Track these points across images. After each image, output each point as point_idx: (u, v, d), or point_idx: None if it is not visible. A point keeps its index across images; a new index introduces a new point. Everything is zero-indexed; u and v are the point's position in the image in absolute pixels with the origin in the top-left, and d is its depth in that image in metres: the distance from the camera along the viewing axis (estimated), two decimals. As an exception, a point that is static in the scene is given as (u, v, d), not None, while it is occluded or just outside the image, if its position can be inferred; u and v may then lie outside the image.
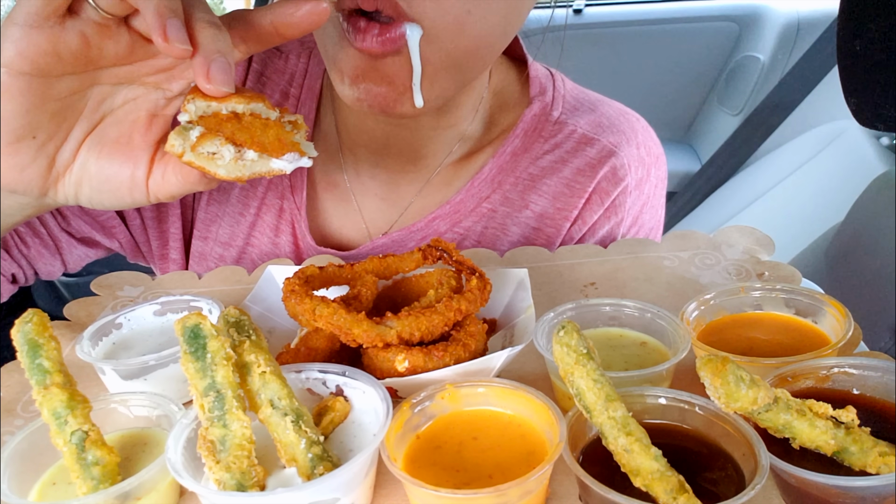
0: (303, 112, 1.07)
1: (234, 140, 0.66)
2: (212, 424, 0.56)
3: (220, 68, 0.63)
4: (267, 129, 0.68)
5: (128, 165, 0.72)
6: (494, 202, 1.05)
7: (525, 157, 1.06)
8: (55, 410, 0.60)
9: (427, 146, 1.04)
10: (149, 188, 0.72)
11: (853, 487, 0.53)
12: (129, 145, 0.72)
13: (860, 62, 1.13)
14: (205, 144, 0.66)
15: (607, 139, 1.06)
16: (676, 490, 0.51)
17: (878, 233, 1.37)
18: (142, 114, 0.72)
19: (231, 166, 0.66)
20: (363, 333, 0.67)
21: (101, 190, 0.73)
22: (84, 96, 0.70)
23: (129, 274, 1.01)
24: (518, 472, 0.54)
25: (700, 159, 3.10)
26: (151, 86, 0.72)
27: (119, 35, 0.66)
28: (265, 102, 0.68)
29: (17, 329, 0.64)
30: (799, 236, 1.80)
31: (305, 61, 1.08)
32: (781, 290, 0.77)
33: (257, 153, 0.67)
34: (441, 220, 1.05)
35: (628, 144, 1.07)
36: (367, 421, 0.64)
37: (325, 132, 1.08)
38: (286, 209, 1.07)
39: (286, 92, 1.08)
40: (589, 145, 1.05)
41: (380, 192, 1.08)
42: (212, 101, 0.66)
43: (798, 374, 0.64)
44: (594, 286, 0.93)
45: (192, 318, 0.59)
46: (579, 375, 0.58)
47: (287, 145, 0.68)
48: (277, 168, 0.68)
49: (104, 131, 0.72)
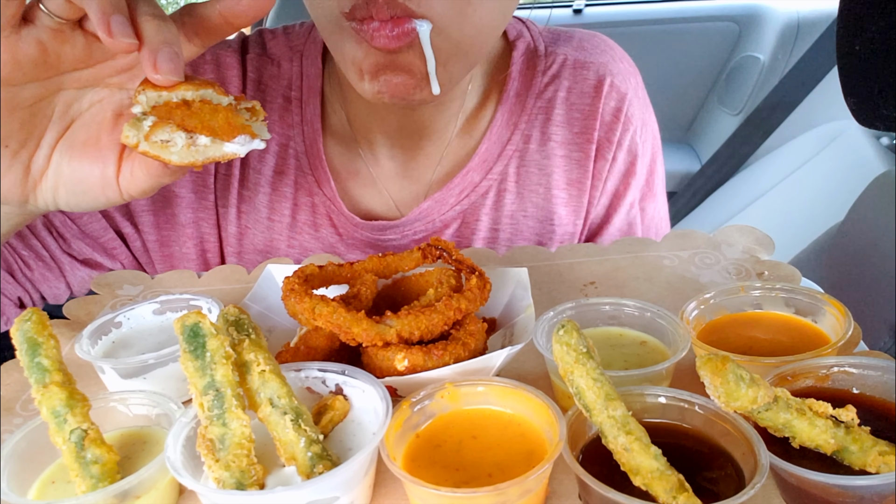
0: (308, 113, 1.09)
1: (185, 126, 0.67)
2: (211, 423, 0.56)
3: (166, 58, 0.64)
4: (216, 113, 0.69)
5: (97, 165, 0.73)
6: (517, 142, 1.10)
7: (529, 94, 1.11)
8: (54, 409, 0.60)
9: (436, 121, 1.08)
10: (120, 186, 0.74)
11: (853, 486, 0.53)
12: (97, 146, 0.73)
13: (860, 62, 1.13)
14: (157, 133, 0.67)
15: (597, 59, 1.12)
16: (676, 489, 0.51)
17: (877, 233, 1.37)
18: (107, 114, 0.74)
19: (184, 152, 0.68)
20: (363, 332, 0.67)
21: (76, 192, 0.75)
22: (51, 102, 0.72)
23: (129, 273, 1.01)
24: (518, 471, 0.54)
25: (700, 159, 3.10)
26: (115, 87, 0.74)
27: (75, 39, 0.68)
28: (215, 88, 0.69)
29: (17, 327, 0.64)
30: (799, 236, 1.79)
31: (298, 65, 1.11)
32: (781, 290, 0.77)
33: (209, 138, 0.68)
34: (474, 171, 1.09)
35: (614, 61, 1.14)
36: (366, 420, 0.64)
37: (335, 126, 1.12)
38: (318, 203, 1.11)
39: (287, 96, 1.10)
40: (584, 69, 1.12)
41: (400, 171, 1.11)
42: (162, 91, 0.67)
43: (798, 374, 0.64)
44: (594, 285, 0.93)
45: (191, 317, 0.59)
46: (579, 374, 0.58)
47: (237, 128, 0.69)
48: (230, 151, 0.69)
49: (74, 135, 0.74)
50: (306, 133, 1.10)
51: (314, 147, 1.09)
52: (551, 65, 1.11)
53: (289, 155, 1.11)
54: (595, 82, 1.11)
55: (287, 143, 1.11)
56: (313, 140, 1.09)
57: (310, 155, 1.10)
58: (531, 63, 1.11)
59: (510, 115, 1.10)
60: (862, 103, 1.15)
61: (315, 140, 1.09)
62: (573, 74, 1.11)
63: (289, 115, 1.10)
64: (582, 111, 1.11)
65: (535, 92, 1.10)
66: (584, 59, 1.12)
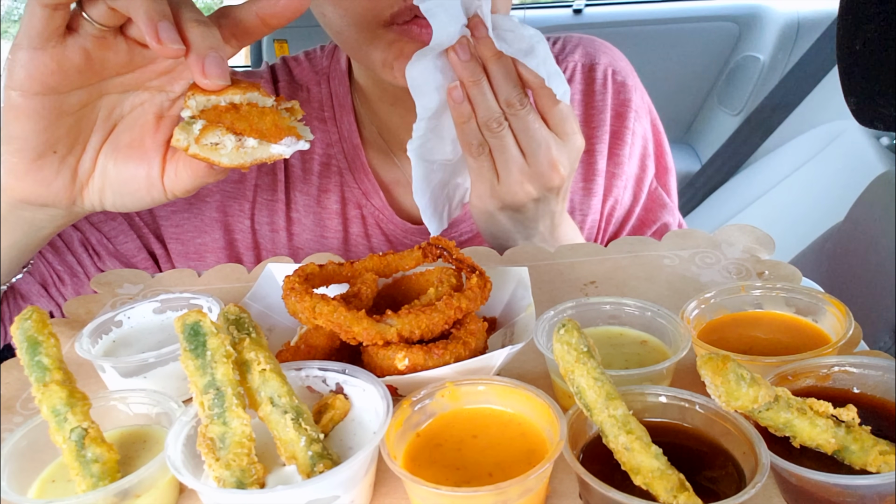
0: (344, 129, 1.15)
1: (234, 129, 0.69)
2: (211, 422, 0.56)
3: (213, 63, 0.66)
4: (264, 116, 0.71)
5: (143, 167, 0.76)
6: None
7: None
8: (55, 408, 0.59)
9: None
10: (165, 185, 0.77)
11: (853, 486, 0.53)
12: (141, 148, 0.77)
13: (860, 62, 1.13)
14: (207, 136, 0.69)
15: (602, 61, 1.22)
16: (677, 488, 0.51)
17: (878, 232, 1.37)
18: (149, 117, 0.77)
19: (233, 154, 0.70)
20: (363, 331, 0.67)
21: (122, 193, 0.78)
22: (95, 107, 0.75)
23: (129, 271, 1.01)
24: (518, 471, 0.54)
25: (700, 159, 3.10)
26: (155, 90, 0.77)
27: (117, 45, 0.70)
28: (260, 91, 0.71)
29: (17, 326, 0.64)
30: (799, 236, 1.80)
31: (327, 87, 1.16)
32: (782, 289, 0.76)
33: (257, 140, 0.70)
34: None
35: (615, 60, 1.24)
36: (367, 419, 0.64)
37: (370, 139, 1.17)
38: (368, 215, 1.15)
39: (321, 117, 1.16)
40: (593, 71, 1.22)
41: None
42: (210, 95, 0.69)
43: (798, 373, 0.63)
44: (594, 285, 0.93)
45: (191, 316, 0.59)
46: (580, 374, 0.58)
47: (284, 130, 0.71)
48: (277, 153, 0.72)
49: (118, 137, 0.77)
50: (346, 149, 1.15)
51: (357, 161, 1.14)
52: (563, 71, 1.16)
53: (332, 172, 1.15)
54: (604, 80, 1.21)
55: (329, 162, 1.15)
56: (355, 155, 1.14)
57: (353, 169, 1.14)
58: None
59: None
60: (862, 103, 1.15)
61: (357, 154, 1.14)
62: (585, 78, 1.21)
63: (326, 134, 1.15)
64: (596, 107, 1.20)
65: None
66: (591, 63, 1.22)
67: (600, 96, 1.20)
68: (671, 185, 1.29)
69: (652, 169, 1.26)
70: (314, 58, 1.20)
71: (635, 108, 1.22)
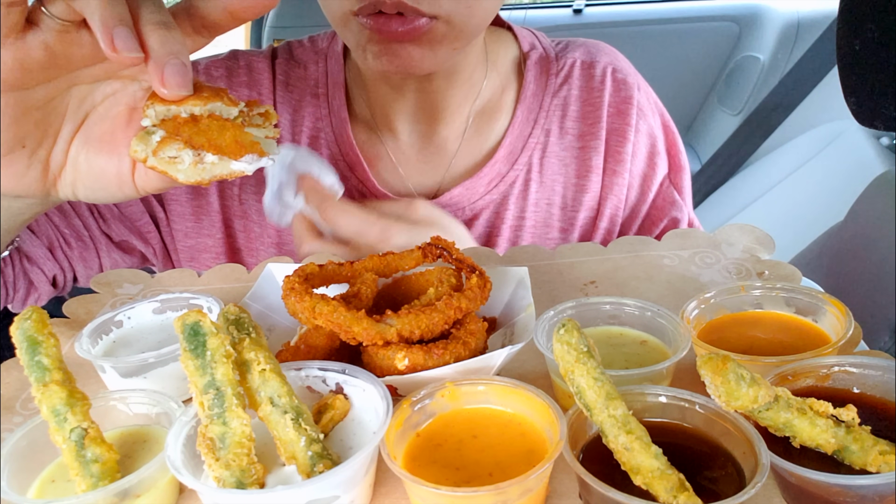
0: (335, 104, 1.17)
1: (193, 144, 0.66)
2: (211, 422, 0.56)
3: (173, 71, 0.63)
4: (224, 130, 0.67)
5: (113, 161, 0.73)
6: (538, 136, 1.19)
7: (545, 93, 1.20)
8: (54, 408, 0.59)
9: (448, 106, 1.16)
10: (135, 182, 0.74)
11: (853, 486, 0.53)
12: (112, 142, 0.73)
13: (860, 62, 1.13)
14: (165, 149, 0.66)
15: (603, 59, 1.22)
16: (677, 488, 0.51)
17: (877, 233, 1.37)
18: (122, 108, 0.73)
19: (191, 171, 0.66)
20: (363, 331, 0.67)
21: (93, 187, 0.75)
22: (64, 99, 0.71)
23: (129, 271, 1.01)
24: (518, 471, 0.54)
25: (700, 159, 3.10)
26: (128, 79, 0.73)
27: (81, 38, 0.66)
28: (224, 100, 0.67)
29: (17, 326, 0.64)
30: (799, 236, 1.79)
31: (324, 65, 1.19)
32: (782, 289, 0.76)
33: (216, 156, 0.67)
34: (501, 162, 1.17)
35: (618, 60, 1.25)
36: (366, 419, 0.64)
37: (359, 114, 1.20)
38: (351, 187, 1.16)
39: (315, 93, 1.18)
40: (592, 68, 1.22)
41: (420, 156, 1.19)
42: (171, 105, 0.65)
43: (798, 373, 0.63)
44: (594, 284, 0.93)
45: (191, 316, 0.59)
46: (580, 374, 0.58)
47: (245, 146, 0.67)
48: (238, 170, 0.68)
49: (89, 129, 0.74)
50: (335, 123, 1.17)
51: (343, 134, 1.16)
52: (563, 67, 1.21)
53: (320, 145, 1.17)
54: (602, 77, 1.21)
55: (318, 136, 1.18)
56: (342, 129, 1.16)
57: (340, 142, 1.16)
58: (544, 68, 1.21)
59: (529, 113, 1.19)
60: (862, 103, 1.15)
61: (343, 128, 1.16)
62: (583, 74, 1.21)
63: (317, 109, 1.18)
64: (594, 104, 1.20)
65: (551, 92, 1.20)
66: (592, 60, 1.22)
67: (598, 93, 1.20)
68: (684, 183, 1.27)
69: (662, 167, 1.25)
70: (316, 40, 1.23)
71: (638, 105, 1.21)
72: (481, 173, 1.16)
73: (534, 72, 1.20)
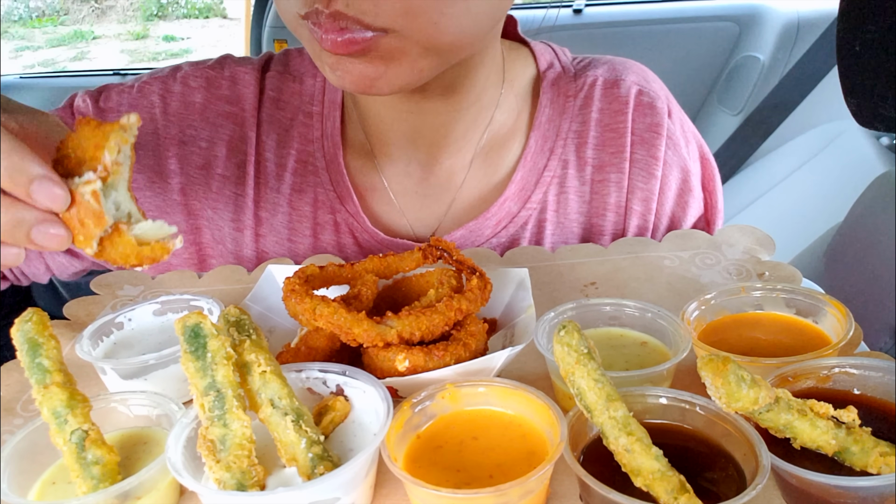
0: (328, 124, 1.05)
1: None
2: (212, 424, 0.56)
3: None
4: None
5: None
6: (554, 168, 1.05)
7: (563, 118, 1.06)
8: (55, 409, 0.60)
9: (452, 132, 1.02)
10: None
11: (854, 487, 0.53)
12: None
13: (860, 62, 1.13)
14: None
15: (629, 78, 1.07)
16: (677, 490, 0.51)
17: (877, 233, 1.37)
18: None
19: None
20: (363, 333, 0.67)
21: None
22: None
23: (129, 273, 1.01)
24: (519, 472, 0.54)
25: (700, 159, 3.10)
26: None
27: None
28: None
29: (17, 328, 0.64)
30: (799, 236, 1.79)
31: (321, 81, 1.07)
32: (782, 290, 0.76)
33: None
34: (511, 200, 1.04)
35: (646, 80, 1.09)
36: (367, 420, 0.64)
37: (353, 139, 1.07)
38: (341, 221, 1.05)
39: (308, 111, 1.06)
40: (615, 87, 1.06)
41: (419, 188, 1.06)
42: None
43: (799, 374, 0.64)
44: (594, 286, 0.93)
45: (192, 318, 0.59)
46: (580, 375, 0.58)
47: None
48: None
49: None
50: (326, 147, 1.05)
51: (335, 162, 1.05)
52: (582, 87, 1.07)
53: (308, 171, 1.06)
54: (626, 99, 1.06)
55: (307, 160, 1.06)
56: (333, 154, 1.05)
57: (331, 170, 1.05)
58: (562, 89, 1.07)
59: (544, 142, 1.05)
60: (862, 103, 1.15)
61: (336, 154, 1.05)
62: (605, 95, 1.06)
63: (309, 130, 1.06)
64: (616, 130, 1.05)
65: (569, 116, 1.06)
66: (616, 78, 1.07)
67: (621, 116, 1.05)
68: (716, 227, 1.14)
69: (696, 207, 1.10)
70: None
71: (669, 133, 1.06)
72: (488, 213, 1.03)
73: (550, 94, 1.06)
